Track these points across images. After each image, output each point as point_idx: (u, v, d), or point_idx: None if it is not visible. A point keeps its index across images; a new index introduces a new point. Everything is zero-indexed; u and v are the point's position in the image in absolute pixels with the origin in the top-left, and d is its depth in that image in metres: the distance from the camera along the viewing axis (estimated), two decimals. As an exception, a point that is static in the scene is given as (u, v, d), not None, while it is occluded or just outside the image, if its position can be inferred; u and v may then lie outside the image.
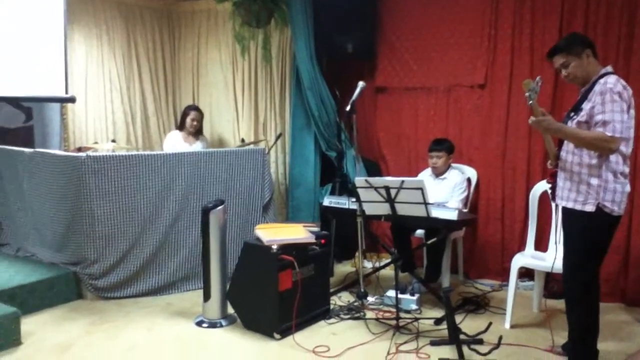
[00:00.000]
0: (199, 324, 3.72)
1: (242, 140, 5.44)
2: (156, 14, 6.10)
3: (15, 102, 5.19)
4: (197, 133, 5.41)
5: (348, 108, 4.04)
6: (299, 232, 3.70)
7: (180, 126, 5.42)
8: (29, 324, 3.57)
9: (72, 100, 5.33)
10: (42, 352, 3.30)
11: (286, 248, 3.49)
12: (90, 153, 4.17)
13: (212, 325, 3.70)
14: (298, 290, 3.48)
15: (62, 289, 4.09)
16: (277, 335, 3.45)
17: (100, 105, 5.71)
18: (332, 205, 4.30)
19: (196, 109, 5.46)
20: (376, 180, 3.59)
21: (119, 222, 4.11)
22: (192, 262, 4.32)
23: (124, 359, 3.24)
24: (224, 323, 3.71)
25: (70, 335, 3.55)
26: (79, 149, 4.76)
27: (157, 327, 3.70)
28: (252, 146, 5.22)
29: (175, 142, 5.31)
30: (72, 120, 5.54)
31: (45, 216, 4.29)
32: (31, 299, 3.86)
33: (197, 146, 5.32)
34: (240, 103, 5.76)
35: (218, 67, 5.91)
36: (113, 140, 5.23)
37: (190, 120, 5.32)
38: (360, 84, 4.12)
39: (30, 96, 5.08)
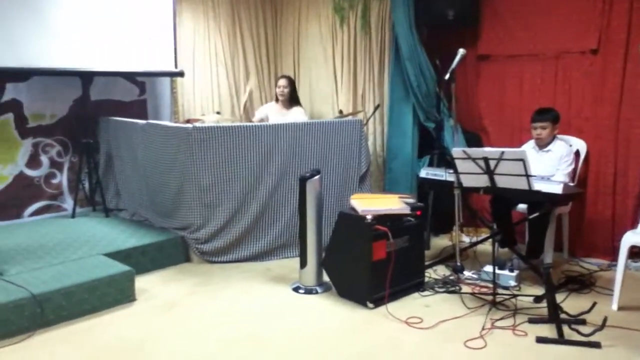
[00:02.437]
0: (296, 289, 3.85)
1: (340, 112, 5.47)
2: (259, -12, 6.25)
3: (130, 77, 5.56)
4: (291, 103, 5.49)
5: (447, 77, 3.93)
6: (394, 203, 3.70)
7: (276, 97, 5.55)
8: (142, 283, 3.86)
9: (181, 74, 5.63)
10: (153, 308, 3.58)
11: (380, 218, 3.49)
12: (196, 124, 4.39)
13: (308, 291, 3.81)
14: (391, 261, 3.49)
15: (171, 252, 4.38)
16: (370, 305, 3.50)
17: (207, 79, 5.98)
18: (429, 177, 4.23)
19: (284, 77, 5.54)
20: (474, 151, 3.48)
21: (222, 190, 4.31)
22: (291, 230, 4.44)
23: (224, 319, 3.43)
24: (319, 290, 3.81)
25: (177, 294, 3.81)
26: (188, 121, 5.02)
27: (255, 290, 3.87)
28: (350, 117, 5.23)
29: (268, 112, 5.45)
30: (181, 93, 5.86)
31: (156, 184, 4.59)
32: (144, 260, 4.16)
33: (290, 117, 5.40)
34: (339, 75, 5.78)
35: (318, 40, 5.96)
36: (218, 112, 5.46)
37: (279, 89, 5.43)
38: (461, 51, 3.99)
39: (143, 71, 5.42)
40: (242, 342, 3.12)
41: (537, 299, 3.50)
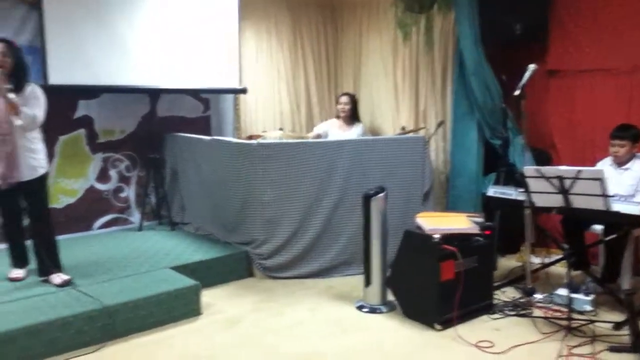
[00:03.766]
0: (360, 308, 3.79)
1: (403, 128, 5.41)
2: (320, 6, 6.29)
3: (195, 94, 5.69)
4: (352, 119, 5.48)
5: (517, 92, 3.82)
6: (462, 222, 3.60)
7: (337, 114, 5.55)
8: (207, 297, 3.88)
9: (244, 91, 5.73)
10: (218, 323, 3.59)
11: (448, 238, 3.41)
12: (260, 140, 4.43)
13: (372, 310, 3.75)
14: (460, 282, 3.39)
15: (235, 266, 4.41)
16: (437, 326, 3.40)
17: (269, 95, 6.07)
18: (497, 195, 4.10)
19: (346, 94, 5.54)
20: (548, 170, 3.36)
21: (285, 206, 4.32)
22: (353, 247, 4.40)
23: (288, 336, 3.41)
24: (383, 309, 3.74)
25: (241, 309, 3.82)
26: (250, 137, 5.09)
27: (319, 308, 3.84)
28: (412, 134, 5.17)
29: (329, 129, 5.45)
30: (244, 110, 5.96)
31: (220, 199, 4.64)
32: (208, 274, 4.19)
33: (351, 133, 5.39)
34: (400, 91, 5.73)
35: (378, 56, 5.94)
36: (281, 129, 5.51)
37: (340, 106, 5.43)
38: (531, 66, 3.88)
39: (208, 88, 5.54)
40: (306, 359, 3.09)
41: (618, 326, 3.32)
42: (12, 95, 3.40)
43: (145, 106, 5.35)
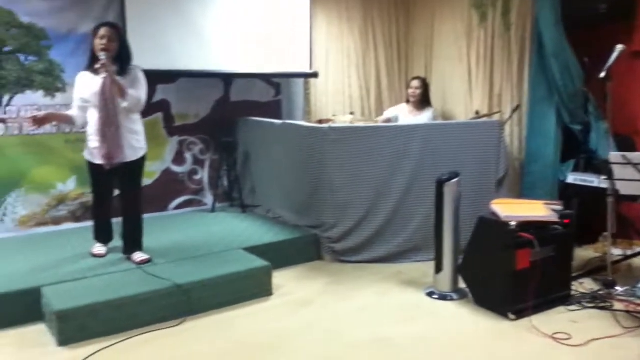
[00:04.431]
0: (430, 294, 3.75)
1: (477, 113, 5.27)
2: (392, -12, 6.21)
3: (267, 78, 5.76)
4: (423, 104, 5.39)
5: (602, 75, 3.63)
6: (539, 210, 3.48)
7: (407, 98, 5.47)
8: (276, 278, 3.93)
9: (315, 75, 5.75)
10: (288, 304, 3.66)
11: (525, 225, 3.30)
12: (331, 124, 4.44)
13: (443, 297, 3.70)
14: (536, 271, 3.28)
15: (304, 249, 4.46)
16: (511, 316, 3.31)
17: (339, 80, 6.06)
18: (578, 182, 3.95)
19: (417, 78, 5.45)
20: (636, 156, 3.18)
21: (355, 190, 4.32)
22: (423, 233, 4.34)
23: (357, 319, 3.43)
24: (454, 297, 3.69)
25: (310, 292, 3.86)
26: (320, 121, 5.11)
27: (388, 292, 3.83)
28: (486, 119, 5.02)
29: (399, 114, 5.38)
30: (314, 94, 5.98)
31: (291, 182, 4.70)
32: (278, 256, 4.23)
33: (422, 118, 5.31)
34: (474, 74, 5.56)
35: (452, 39, 5.78)
36: (351, 113, 5.49)
37: (410, 90, 5.34)
38: (619, 47, 3.67)
39: (280, 72, 5.60)
40: (374, 344, 3.09)
41: None
42: (118, 78, 3.56)
43: (219, 91, 5.46)
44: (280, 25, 5.43)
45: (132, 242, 3.88)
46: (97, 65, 3.55)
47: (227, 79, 5.38)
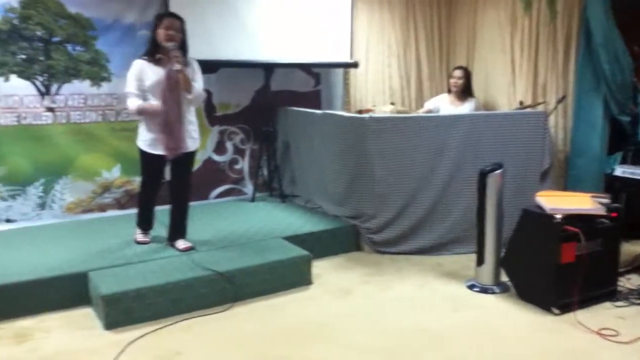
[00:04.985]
0: (471, 287, 3.71)
1: (521, 103, 5.16)
2: (434, -24, 6.12)
3: (307, 68, 5.76)
4: (465, 94, 5.31)
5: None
6: (585, 203, 3.39)
7: (449, 89, 5.39)
8: (316, 268, 3.96)
9: (355, 65, 5.73)
10: (328, 293, 3.67)
11: (571, 218, 3.23)
12: (372, 114, 4.41)
13: (484, 290, 3.65)
14: (582, 265, 3.21)
15: (343, 240, 4.47)
16: (555, 310, 3.25)
17: (379, 70, 6.02)
18: (625, 175, 3.84)
19: (460, 68, 5.37)
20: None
21: (395, 181, 4.29)
22: (464, 225, 4.29)
23: (397, 309, 3.42)
24: (496, 290, 3.64)
25: (349, 282, 3.87)
26: (359, 111, 5.09)
27: (428, 284, 3.81)
28: (530, 109, 4.92)
29: (440, 104, 5.31)
30: (354, 84, 5.95)
31: (330, 172, 4.70)
32: (317, 246, 4.26)
33: (464, 108, 5.23)
34: (517, 64, 5.45)
35: (495, 28, 5.67)
36: (392, 103, 5.45)
37: (452, 79, 5.26)
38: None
39: (320, 62, 5.60)
40: (414, 335, 3.08)
41: None
42: (187, 70, 3.60)
43: (259, 81, 5.49)
44: (321, 15, 5.42)
45: (178, 229, 3.94)
46: (159, 56, 3.59)
47: (268, 68, 5.40)
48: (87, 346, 2.98)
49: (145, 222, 4.04)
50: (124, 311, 3.19)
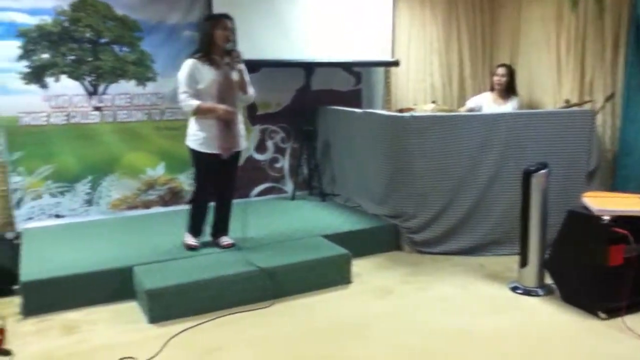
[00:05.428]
0: (513, 289, 3.64)
1: (567, 102, 5.03)
2: (478, -28, 6.04)
3: (347, 67, 5.76)
4: (508, 92, 5.21)
5: None
6: (634, 204, 3.28)
7: (491, 87, 5.30)
8: (355, 267, 3.94)
9: (396, 64, 5.70)
10: (367, 292, 3.67)
11: (619, 220, 3.13)
12: (413, 113, 4.38)
13: (527, 292, 3.58)
14: (630, 268, 3.11)
15: (383, 239, 4.45)
16: (602, 315, 3.16)
17: (420, 68, 5.98)
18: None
19: (503, 65, 5.26)
20: None
21: (436, 180, 4.25)
22: (507, 225, 4.21)
23: (438, 310, 3.39)
24: (540, 292, 3.56)
25: (389, 281, 3.85)
26: (400, 110, 5.05)
27: (469, 285, 3.75)
28: (576, 108, 4.79)
29: (482, 103, 5.23)
30: (395, 83, 5.93)
31: (370, 171, 4.69)
32: (356, 244, 4.22)
33: (507, 107, 5.13)
34: (563, 61, 5.32)
35: (540, 25, 5.55)
36: (433, 102, 5.39)
37: (496, 77, 5.17)
38: None
39: (361, 61, 5.59)
40: (455, 336, 3.04)
41: None
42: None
43: (300, 80, 5.52)
44: (362, 14, 5.42)
45: (222, 226, 4.00)
46: (214, 56, 3.63)
47: (309, 68, 5.43)
48: (131, 339, 3.06)
49: (199, 226, 3.95)
50: (167, 306, 3.26)
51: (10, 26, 4.39)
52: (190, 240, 3.91)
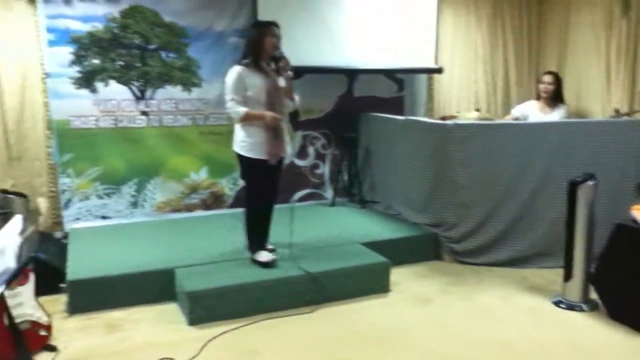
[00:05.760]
0: (557, 303, 3.55)
1: (616, 111, 4.88)
2: (524, -22, 5.94)
3: (390, 74, 5.74)
4: (555, 101, 5.08)
5: None
6: (688, 219, 3.16)
7: (537, 95, 5.18)
8: (394, 275, 3.91)
9: (439, 71, 5.64)
10: (406, 301, 3.64)
11: (671, 235, 3.02)
12: (456, 121, 4.33)
13: (571, 307, 3.48)
14: (683, 286, 3.00)
15: (423, 248, 4.41)
16: (651, 333, 3.06)
17: (464, 75, 5.91)
18: None
19: (550, 73, 5.13)
20: None
21: (479, 190, 4.19)
22: (551, 238, 4.10)
23: (478, 321, 3.34)
24: (584, 307, 3.46)
25: (429, 290, 3.81)
26: (443, 118, 4.99)
27: (511, 297, 3.68)
28: (626, 118, 4.64)
29: (528, 111, 5.11)
30: (438, 90, 5.87)
31: (411, 179, 4.65)
32: (395, 253, 4.17)
33: (553, 115, 5.00)
34: (613, 70, 5.16)
35: (589, 31, 5.40)
36: (477, 110, 5.32)
37: (542, 85, 5.04)
38: None
39: (404, 68, 5.56)
40: (494, 348, 3.00)
41: None
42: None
43: (342, 86, 5.53)
44: (406, 20, 5.38)
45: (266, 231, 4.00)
46: (263, 63, 3.64)
47: (352, 74, 5.43)
48: (172, 340, 3.12)
49: (263, 238, 3.84)
50: (207, 308, 3.30)
51: (64, 33, 4.56)
52: (263, 257, 3.73)
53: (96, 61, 4.69)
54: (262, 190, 3.75)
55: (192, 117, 5.05)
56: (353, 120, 5.56)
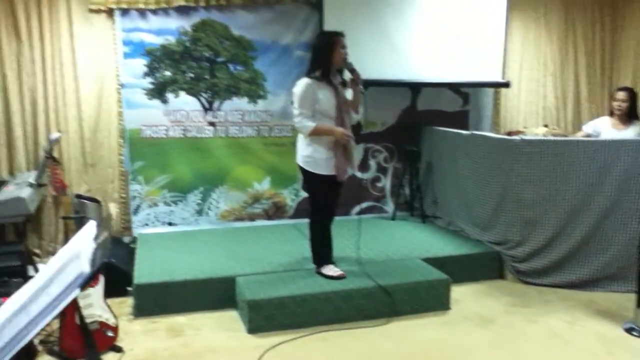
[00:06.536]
0: (629, 330, 3.37)
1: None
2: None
3: (455, 87, 5.66)
4: (629, 118, 4.84)
5: None
6: None
7: (611, 111, 4.97)
8: (455, 293, 3.84)
9: (507, 85, 5.52)
10: (468, 320, 3.56)
11: None
12: (523, 137, 4.22)
13: (644, 335, 3.31)
14: None
15: (485, 266, 4.30)
16: None
17: (532, 90, 5.77)
18: None
19: (624, 89, 4.89)
20: None
21: (546, 208, 4.06)
22: (623, 260, 3.91)
23: (544, 345, 3.22)
24: (659, 336, 3.28)
25: (491, 310, 3.71)
26: (509, 133, 4.88)
27: (578, 322, 3.53)
28: None
29: (601, 128, 4.90)
30: (504, 104, 5.75)
31: (475, 195, 4.56)
32: (457, 270, 4.12)
33: (628, 133, 4.76)
34: (695, 85, 4.92)
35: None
36: (545, 125, 5.16)
37: (616, 102, 4.82)
38: None
39: (470, 82, 5.47)
40: (565, 376, 2.88)
41: None
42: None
43: (406, 100, 5.50)
44: (473, 34, 5.30)
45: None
46: (332, 77, 3.57)
47: (416, 88, 5.39)
48: (231, 347, 3.18)
49: (329, 251, 3.79)
50: (266, 317, 3.35)
51: (139, 45, 4.77)
52: (332, 270, 3.69)
53: (168, 73, 4.88)
54: (327, 204, 3.72)
55: (257, 128, 5.15)
56: (416, 134, 5.52)
